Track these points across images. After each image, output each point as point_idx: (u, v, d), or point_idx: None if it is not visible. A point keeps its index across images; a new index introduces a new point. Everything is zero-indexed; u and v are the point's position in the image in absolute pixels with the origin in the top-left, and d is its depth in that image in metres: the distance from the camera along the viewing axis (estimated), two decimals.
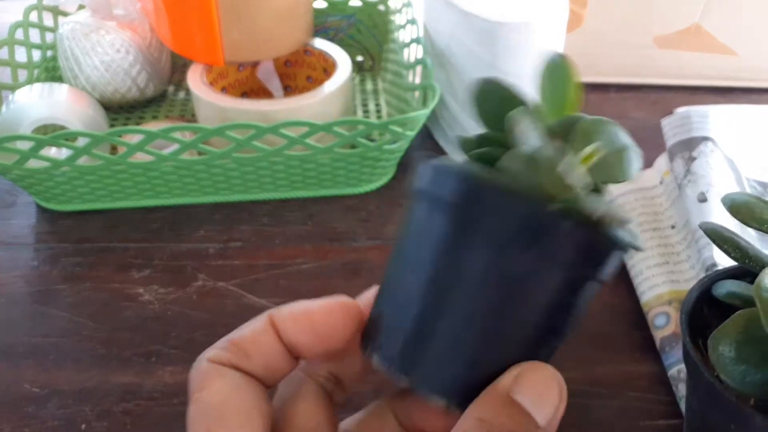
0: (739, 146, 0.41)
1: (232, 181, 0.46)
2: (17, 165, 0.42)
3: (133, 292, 0.41)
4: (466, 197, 0.18)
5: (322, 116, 0.45)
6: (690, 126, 0.41)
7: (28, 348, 0.37)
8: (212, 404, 0.20)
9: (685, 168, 0.39)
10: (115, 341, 0.38)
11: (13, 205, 0.48)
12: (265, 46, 0.50)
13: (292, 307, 0.22)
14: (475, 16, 0.44)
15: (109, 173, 0.44)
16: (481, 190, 0.18)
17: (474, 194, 0.18)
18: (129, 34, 0.52)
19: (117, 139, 0.41)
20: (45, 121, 0.45)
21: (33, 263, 0.43)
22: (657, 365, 0.36)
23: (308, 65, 0.55)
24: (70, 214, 0.46)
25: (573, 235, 0.18)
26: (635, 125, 0.55)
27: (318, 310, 0.22)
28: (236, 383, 0.20)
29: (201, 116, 0.49)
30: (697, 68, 0.59)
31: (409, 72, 0.51)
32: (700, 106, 0.43)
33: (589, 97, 0.58)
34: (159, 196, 0.47)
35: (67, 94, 0.47)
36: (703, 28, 0.57)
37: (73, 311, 0.39)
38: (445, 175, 0.19)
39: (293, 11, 0.50)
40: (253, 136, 0.42)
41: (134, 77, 0.53)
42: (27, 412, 0.34)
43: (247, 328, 0.22)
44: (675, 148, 0.40)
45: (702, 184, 0.37)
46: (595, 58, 0.59)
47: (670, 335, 0.35)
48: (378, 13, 0.60)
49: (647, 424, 0.33)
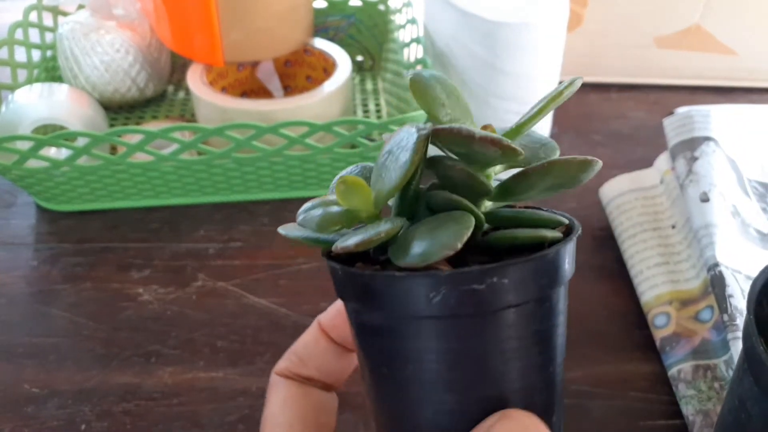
0: (741, 146, 0.41)
1: (232, 181, 0.46)
2: (17, 165, 0.42)
3: (133, 292, 0.41)
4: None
5: (322, 116, 0.45)
6: (692, 126, 0.40)
7: (28, 348, 0.37)
8: (270, 416, 0.22)
9: (687, 168, 0.39)
10: (115, 341, 0.38)
11: (12, 206, 0.47)
12: (265, 46, 0.50)
13: (335, 306, 0.24)
14: (476, 16, 0.44)
15: (109, 173, 0.44)
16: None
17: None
18: (129, 34, 0.52)
19: (117, 139, 0.41)
20: (45, 121, 0.45)
21: (33, 263, 0.43)
22: (657, 365, 0.36)
23: (308, 65, 0.55)
24: (69, 214, 0.46)
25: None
26: (635, 125, 0.55)
27: None
28: (291, 394, 0.23)
29: (201, 116, 0.49)
30: (697, 68, 0.59)
31: (409, 72, 0.51)
32: (701, 106, 0.43)
33: (589, 97, 0.58)
34: (159, 196, 0.47)
35: (67, 94, 0.47)
36: (703, 28, 0.57)
37: (73, 311, 0.39)
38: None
39: (293, 11, 0.50)
40: (253, 136, 0.42)
41: (134, 77, 0.53)
42: (27, 412, 0.34)
43: (302, 337, 0.24)
44: (677, 148, 0.40)
45: (704, 183, 0.37)
46: (595, 58, 0.59)
47: (671, 335, 0.35)
48: (378, 13, 0.60)
49: (647, 424, 0.33)
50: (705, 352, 0.33)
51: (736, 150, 0.40)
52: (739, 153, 0.40)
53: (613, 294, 0.40)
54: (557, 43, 0.45)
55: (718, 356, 0.33)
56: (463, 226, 0.16)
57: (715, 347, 0.33)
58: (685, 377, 0.33)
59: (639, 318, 0.38)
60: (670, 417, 0.34)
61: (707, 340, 0.34)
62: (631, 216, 0.41)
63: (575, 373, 0.36)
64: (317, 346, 0.24)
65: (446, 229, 0.17)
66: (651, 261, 0.39)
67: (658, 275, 0.38)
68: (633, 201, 0.42)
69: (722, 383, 0.32)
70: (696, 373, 0.33)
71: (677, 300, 0.36)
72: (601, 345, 0.37)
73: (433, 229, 0.17)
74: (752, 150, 0.41)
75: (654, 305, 0.37)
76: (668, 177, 0.41)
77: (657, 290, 0.37)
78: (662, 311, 0.36)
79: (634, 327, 0.38)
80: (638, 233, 0.40)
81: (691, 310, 0.36)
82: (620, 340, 0.38)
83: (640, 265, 0.39)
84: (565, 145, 0.53)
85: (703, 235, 0.35)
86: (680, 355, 0.34)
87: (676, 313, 0.36)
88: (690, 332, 0.35)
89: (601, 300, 0.40)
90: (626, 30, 0.57)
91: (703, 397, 0.32)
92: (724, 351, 0.32)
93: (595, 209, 0.46)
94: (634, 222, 0.41)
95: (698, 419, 0.32)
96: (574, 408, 0.34)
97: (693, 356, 0.34)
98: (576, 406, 0.34)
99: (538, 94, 0.46)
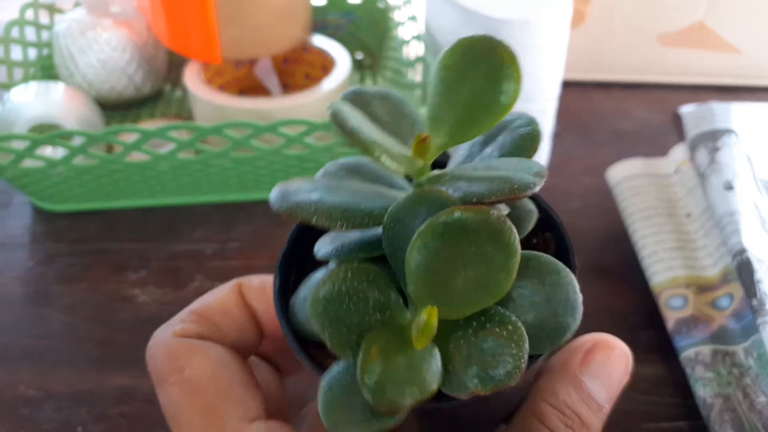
0: (757, 144, 0.40)
1: (230, 181, 0.46)
2: (12, 165, 0.42)
3: (130, 294, 0.40)
4: None
5: (321, 114, 0.45)
6: (713, 118, 0.40)
7: (23, 350, 0.37)
8: (203, 381, 0.18)
9: (710, 158, 0.38)
10: (111, 343, 0.37)
11: (8, 206, 0.47)
12: (263, 43, 0.50)
13: (264, 277, 0.21)
14: (477, 14, 0.43)
15: (105, 173, 0.44)
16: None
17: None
18: (125, 31, 0.52)
19: (113, 138, 0.41)
20: (41, 120, 0.45)
21: (28, 264, 0.42)
22: (660, 366, 0.36)
23: (307, 63, 0.55)
24: (65, 214, 0.46)
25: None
26: (639, 123, 0.55)
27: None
28: (221, 355, 0.19)
29: (198, 115, 0.49)
30: (701, 66, 0.59)
31: (409, 70, 0.50)
32: (719, 103, 0.43)
33: (592, 95, 0.58)
34: (155, 195, 0.46)
35: (63, 92, 0.47)
36: (707, 26, 0.56)
37: (69, 312, 0.39)
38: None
39: (291, 8, 0.50)
40: (251, 135, 0.41)
41: (131, 75, 0.53)
42: (22, 414, 0.34)
43: (212, 297, 0.20)
44: (698, 139, 0.40)
45: (728, 173, 0.37)
46: (598, 56, 0.59)
47: (688, 317, 0.35)
48: (378, 10, 0.60)
49: (651, 426, 0.33)
50: (723, 339, 0.33)
51: (752, 147, 0.40)
52: (754, 151, 0.40)
53: (615, 295, 0.40)
54: (560, 41, 0.44)
55: (737, 343, 0.33)
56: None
57: (733, 334, 0.33)
58: (703, 360, 0.33)
59: (641, 319, 0.38)
60: (674, 419, 0.33)
61: (725, 327, 0.34)
62: (645, 199, 0.41)
63: None
64: (238, 312, 0.20)
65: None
66: (666, 244, 0.38)
67: (674, 258, 0.38)
68: (647, 185, 0.42)
69: (741, 370, 0.32)
70: (715, 357, 0.33)
71: (695, 285, 0.36)
72: None
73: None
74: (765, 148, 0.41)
75: (669, 286, 0.37)
76: (685, 167, 0.41)
77: (673, 272, 0.37)
78: (679, 293, 0.36)
79: (636, 328, 0.38)
80: (653, 216, 0.40)
81: (708, 297, 0.36)
82: (623, 342, 0.37)
83: (654, 246, 0.38)
84: (568, 144, 0.52)
85: (727, 223, 0.35)
86: (698, 338, 0.34)
87: (693, 296, 0.36)
88: (708, 317, 0.35)
89: (603, 301, 0.40)
90: (629, 28, 0.57)
91: (723, 381, 0.32)
92: (743, 338, 0.32)
93: (599, 210, 0.46)
94: (648, 205, 0.40)
95: (718, 402, 0.32)
96: None
97: (712, 341, 0.34)
98: None
99: (541, 92, 0.46)
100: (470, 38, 0.17)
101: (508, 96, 0.16)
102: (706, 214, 0.38)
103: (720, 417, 0.31)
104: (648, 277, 0.38)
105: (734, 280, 0.34)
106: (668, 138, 0.50)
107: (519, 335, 0.15)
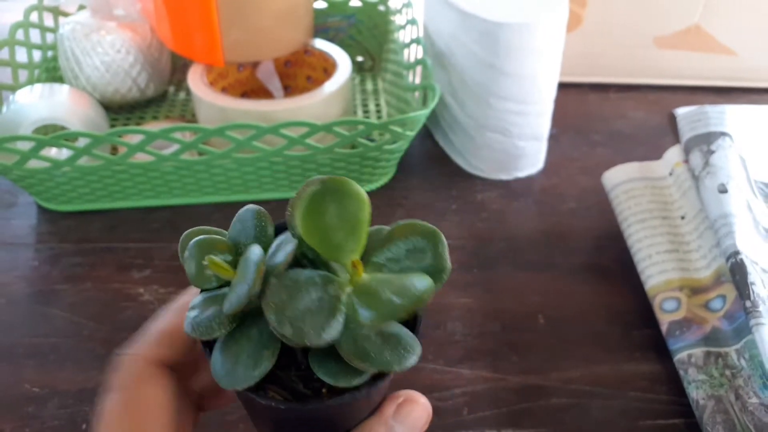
0: (751, 146, 0.41)
1: (233, 182, 0.46)
2: (18, 165, 0.42)
3: (134, 293, 0.41)
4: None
5: (322, 116, 0.45)
6: (707, 121, 0.41)
7: (29, 348, 0.37)
8: (142, 414, 0.21)
9: (704, 160, 0.39)
10: (116, 341, 0.37)
11: (13, 206, 0.48)
12: (265, 46, 0.50)
13: (186, 293, 0.23)
14: (476, 17, 0.44)
15: (110, 173, 0.44)
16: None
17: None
18: (129, 34, 0.52)
19: (117, 140, 0.42)
20: (45, 122, 0.45)
21: (33, 263, 0.43)
22: (657, 365, 0.36)
23: (308, 65, 0.55)
24: (70, 214, 0.46)
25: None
26: (635, 125, 0.55)
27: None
28: (167, 401, 0.22)
29: (201, 116, 0.49)
30: (697, 68, 0.59)
31: (409, 72, 0.51)
32: (713, 105, 0.43)
33: (588, 97, 0.58)
34: (159, 196, 0.47)
35: (68, 94, 0.47)
36: (703, 29, 0.57)
37: (74, 311, 0.39)
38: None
39: (293, 11, 0.50)
40: (254, 137, 0.42)
41: (135, 77, 0.53)
42: (27, 412, 0.34)
43: (167, 325, 0.23)
44: (692, 142, 0.40)
45: (722, 175, 0.37)
46: (594, 59, 0.59)
47: (681, 320, 0.36)
48: (378, 14, 0.60)
49: (647, 424, 0.33)
50: (716, 340, 0.34)
51: (746, 149, 0.40)
52: (748, 153, 0.40)
53: (613, 294, 0.40)
54: (557, 44, 0.45)
55: (730, 345, 0.33)
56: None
57: (726, 336, 0.33)
58: (696, 362, 0.34)
59: (638, 318, 0.38)
60: (670, 417, 0.34)
61: (718, 328, 0.34)
62: (640, 202, 0.41)
63: (574, 373, 0.36)
64: (183, 335, 0.22)
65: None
66: (660, 247, 0.39)
67: (668, 261, 0.38)
68: (642, 189, 0.42)
69: (733, 371, 0.32)
70: (707, 359, 0.33)
71: (688, 287, 0.37)
72: (601, 345, 0.37)
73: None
74: (760, 150, 0.41)
75: (662, 289, 0.37)
76: (679, 169, 0.41)
77: (666, 275, 0.38)
78: (672, 296, 0.37)
79: (634, 327, 0.38)
80: (647, 219, 0.40)
81: (702, 299, 0.36)
82: (619, 340, 0.38)
83: (649, 249, 0.39)
84: (565, 145, 0.53)
85: (721, 225, 0.35)
86: (691, 340, 0.35)
87: (686, 299, 0.36)
88: (701, 319, 0.35)
89: (601, 300, 0.40)
90: (626, 30, 0.57)
91: (715, 383, 0.32)
92: (736, 340, 0.33)
93: (595, 210, 0.46)
94: (643, 208, 0.41)
95: (710, 404, 0.32)
96: (573, 408, 0.34)
97: (704, 343, 0.34)
98: (575, 406, 0.34)
99: (538, 94, 0.46)
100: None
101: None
102: (700, 216, 0.38)
103: (712, 418, 0.31)
104: (643, 281, 0.39)
105: (727, 282, 0.35)
106: (664, 139, 0.50)
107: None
